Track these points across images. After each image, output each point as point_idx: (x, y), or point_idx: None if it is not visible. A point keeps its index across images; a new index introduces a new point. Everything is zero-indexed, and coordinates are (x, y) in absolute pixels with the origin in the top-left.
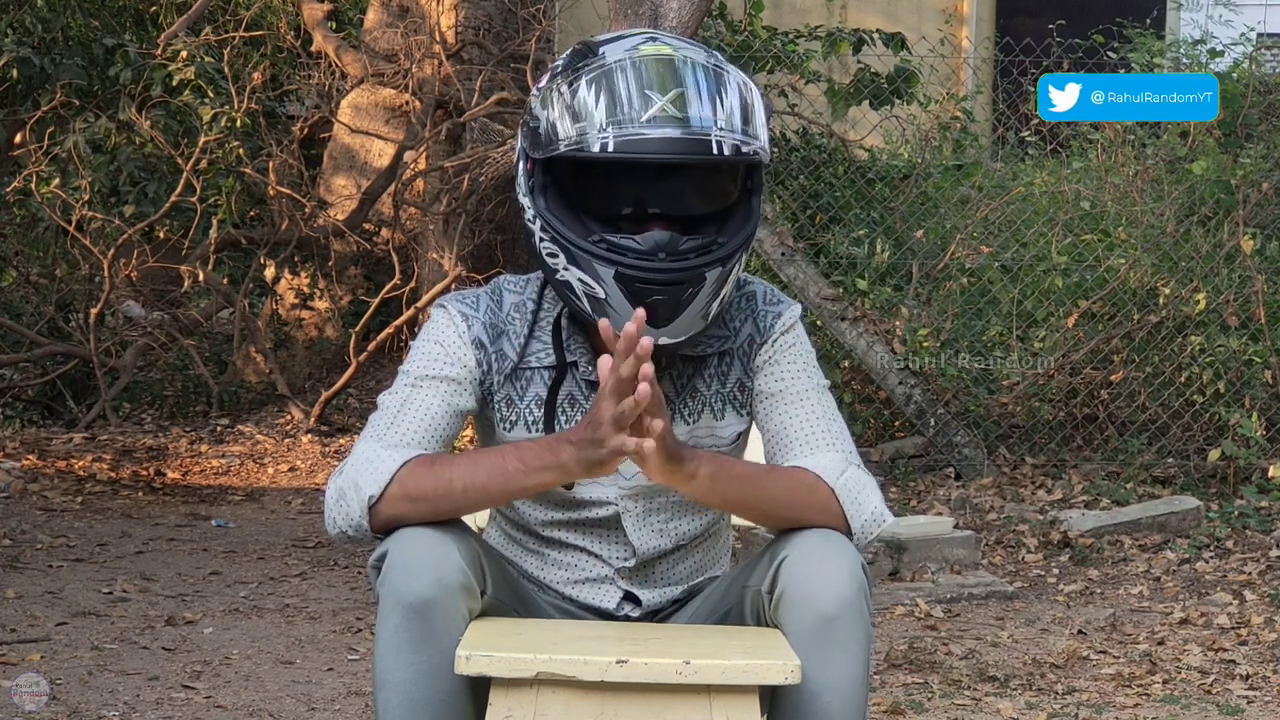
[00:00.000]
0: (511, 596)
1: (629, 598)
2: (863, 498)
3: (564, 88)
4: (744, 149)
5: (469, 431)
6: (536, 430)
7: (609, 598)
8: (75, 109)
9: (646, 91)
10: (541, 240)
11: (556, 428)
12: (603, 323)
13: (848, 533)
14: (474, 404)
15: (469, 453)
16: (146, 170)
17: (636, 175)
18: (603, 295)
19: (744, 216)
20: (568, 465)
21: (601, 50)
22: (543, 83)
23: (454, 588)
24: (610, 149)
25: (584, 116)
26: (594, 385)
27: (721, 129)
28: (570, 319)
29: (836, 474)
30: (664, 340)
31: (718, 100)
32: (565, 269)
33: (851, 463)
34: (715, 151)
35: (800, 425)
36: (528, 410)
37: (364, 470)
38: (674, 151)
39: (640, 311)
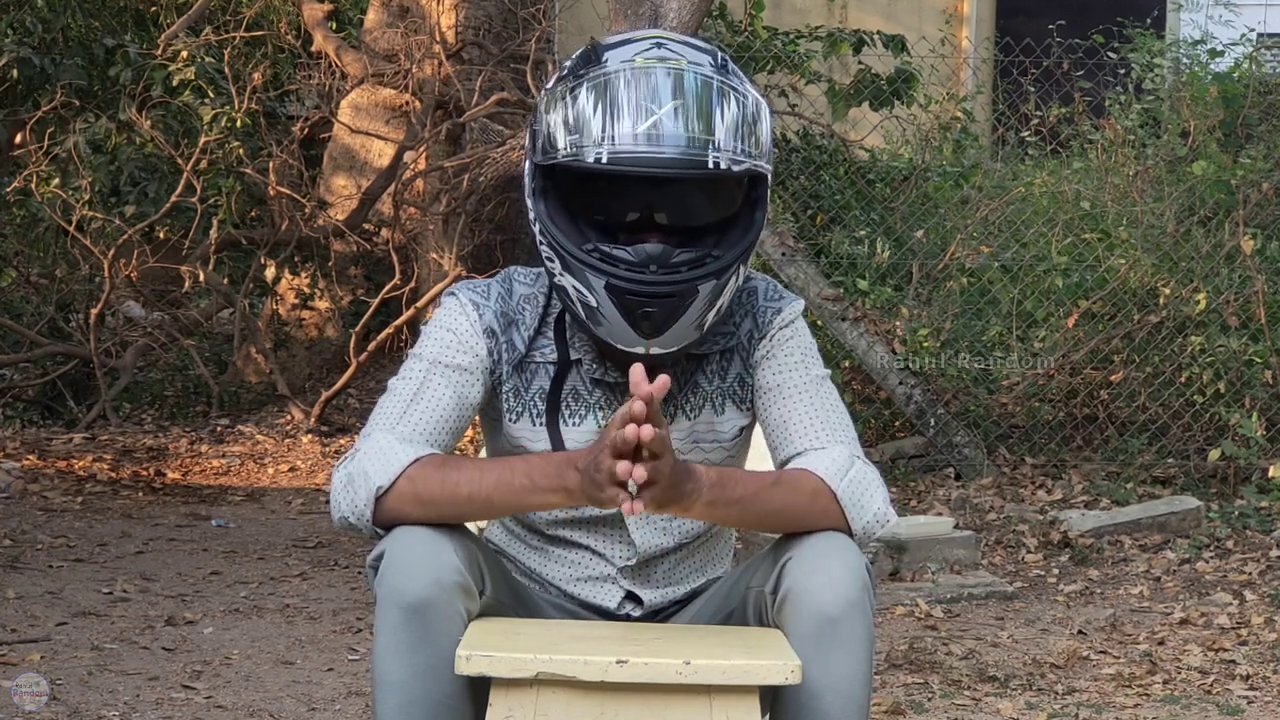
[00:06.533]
0: (511, 597)
1: (630, 597)
2: (865, 500)
3: (565, 94)
4: (738, 166)
5: (472, 430)
6: (539, 423)
7: (611, 597)
8: (75, 109)
9: (644, 103)
10: (540, 244)
11: (560, 421)
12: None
13: (849, 535)
14: (483, 395)
15: (478, 461)
16: (147, 170)
17: (638, 184)
18: (595, 304)
19: (744, 229)
20: (574, 492)
21: (605, 56)
22: (549, 85)
23: (451, 588)
24: (605, 161)
25: (581, 126)
26: (597, 382)
27: (719, 143)
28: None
29: (840, 475)
30: (655, 350)
31: (717, 113)
32: (560, 274)
33: (856, 456)
34: (711, 166)
35: (799, 418)
36: (532, 403)
37: (375, 460)
38: (669, 166)
39: (638, 372)
